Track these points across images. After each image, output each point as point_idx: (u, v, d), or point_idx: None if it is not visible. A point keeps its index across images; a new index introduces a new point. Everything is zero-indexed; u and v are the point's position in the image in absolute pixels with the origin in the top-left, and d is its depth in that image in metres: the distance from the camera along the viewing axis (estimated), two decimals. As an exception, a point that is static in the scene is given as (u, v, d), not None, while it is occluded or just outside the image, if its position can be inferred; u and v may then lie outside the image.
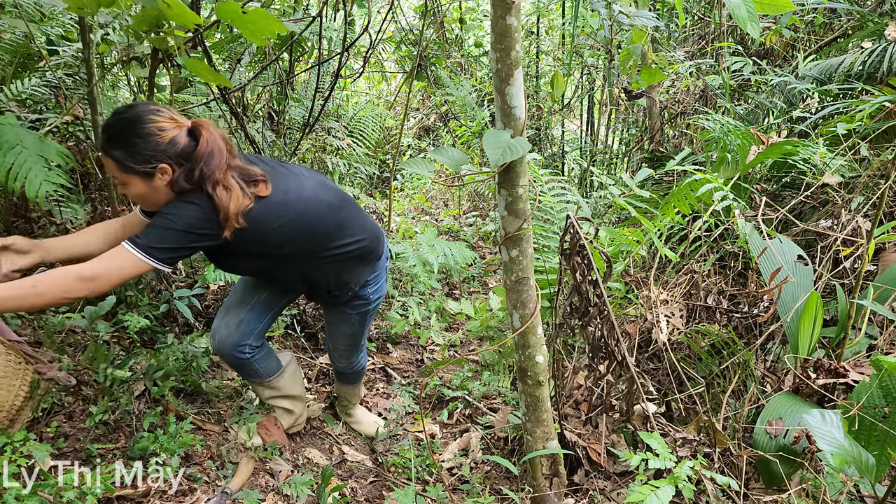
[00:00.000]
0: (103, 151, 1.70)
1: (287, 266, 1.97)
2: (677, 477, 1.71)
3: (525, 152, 1.66)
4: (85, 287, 1.62)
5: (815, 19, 4.15)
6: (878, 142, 2.90)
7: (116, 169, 1.70)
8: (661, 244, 2.41)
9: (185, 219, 1.70)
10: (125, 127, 1.68)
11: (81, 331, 2.58)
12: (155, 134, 1.67)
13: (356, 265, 2.08)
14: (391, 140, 6.33)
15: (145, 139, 1.67)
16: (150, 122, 1.68)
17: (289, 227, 1.86)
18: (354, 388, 2.59)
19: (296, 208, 1.86)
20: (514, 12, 1.62)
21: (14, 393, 1.96)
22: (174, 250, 1.71)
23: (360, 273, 2.11)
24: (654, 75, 3.09)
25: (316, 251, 1.96)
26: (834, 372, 2.05)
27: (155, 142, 1.67)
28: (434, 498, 2.15)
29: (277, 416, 2.43)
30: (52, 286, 1.60)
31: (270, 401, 2.40)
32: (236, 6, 1.87)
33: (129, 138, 1.66)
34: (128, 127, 1.68)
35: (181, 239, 1.70)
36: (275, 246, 1.87)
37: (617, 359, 2.09)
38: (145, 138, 1.67)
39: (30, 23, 2.78)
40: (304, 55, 4.84)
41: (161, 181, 1.71)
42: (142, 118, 1.68)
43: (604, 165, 5.60)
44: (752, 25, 2.08)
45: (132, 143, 1.66)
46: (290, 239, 1.88)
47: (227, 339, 2.17)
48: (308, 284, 2.10)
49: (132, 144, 1.66)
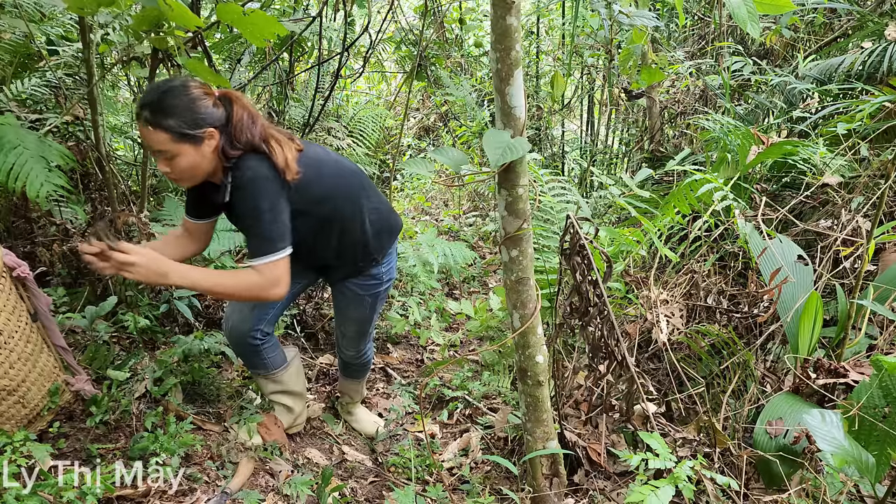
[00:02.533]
0: (154, 125, 1.70)
1: (326, 231, 2.01)
2: (677, 477, 1.71)
3: (525, 152, 1.66)
4: (270, 292, 1.77)
5: (815, 19, 4.15)
6: (878, 142, 2.90)
7: (170, 140, 1.71)
8: (661, 244, 2.41)
9: (260, 197, 1.76)
10: (173, 95, 1.71)
11: (81, 331, 2.58)
12: (201, 98, 1.74)
13: (382, 232, 2.14)
14: (391, 140, 6.33)
15: (195, 103, 1.72)
16: (193, 87, 1.74)
17: (328, 179, 1.95)
18: (359, 383, 2.60)
19: (329, 162, 1.99)
20: (514, 12, 1.62)
21: (42, 395, 2.00)
22: (283, 226, 1.79)
23: (386, 242, 2.17)
24: (654, 75, 3.09)
25: (352, 211, 2.02)
26: (834, 372, 2.05)
27: (203, 105, 1.73)
28: (434, 498, 2.15)
29: (277, 413, 2.43)
30: (244, 283, 1.76)
31: (273, 396, 2.40)
32: (237, 7, 1.87)
33: (180, 105, 1.70)
34: (175, 94, 1.71)
35: (276, 213, 1.77)
36: (317, 202, 1.92)
37: (617, 359, 2.09)
38: (195, 102, 1.72)
39: (30, 23, 2.78)
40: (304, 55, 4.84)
41: (208, 147, 1.75)
42: (186, 84, 1.74)
43: (604, 165, 5.60)
44: (752, 25, 2.08)
45: (185, 109, 1.70)
46: (330, 194, 1.95)
47: (240, 325, 2.20)
48: (338, 255, 2.10)
49: (186, 110, 1.70)
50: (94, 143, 2.55)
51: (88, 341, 2.54)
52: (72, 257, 2.69)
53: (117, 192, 2.65)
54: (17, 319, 1.94)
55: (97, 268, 1.69)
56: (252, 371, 2.37)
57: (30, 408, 1.98)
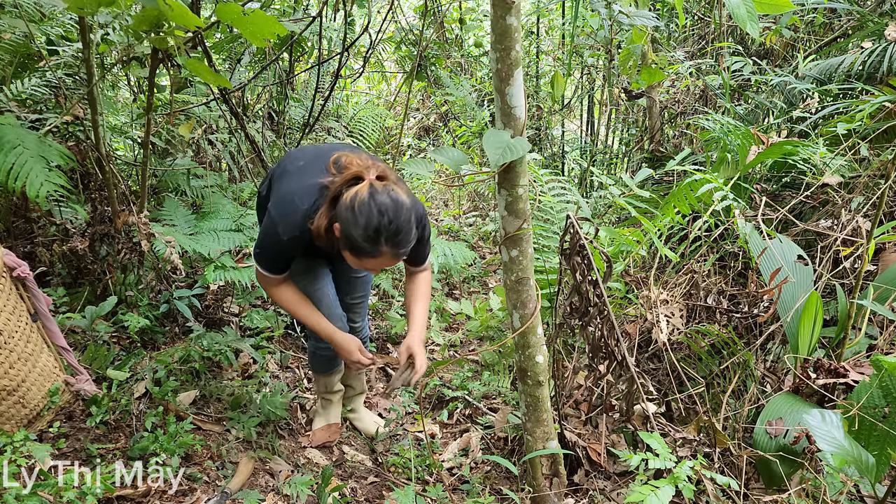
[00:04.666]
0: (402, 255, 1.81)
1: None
2: (677, 477, 1.71)
3: (525, 152, 1.66)
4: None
5: (815, 19, 4.15)
6: (878, 142, 2.89)
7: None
8: (661, 244, 2.41)
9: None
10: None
11: (81, 331, 2.58)
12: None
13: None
14: (391, 140, 6.33)
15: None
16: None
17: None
18: (359, 373, 2.62)
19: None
20: (514, 12, 1.62)
21: (42, 395, 2.00)
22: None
23: None
24: (654, 75, 3.09)
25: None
26: (834, 372, 2.05)
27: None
28: (434, 498, 2.15)
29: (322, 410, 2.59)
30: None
31: (327, 395, 2.57)
32: (237, 7, 1.87)
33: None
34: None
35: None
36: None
37: (617, 359, 2.09)
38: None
39: (30, 23, 2.78)
40: (304, 55, 4.84)
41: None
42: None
43: (604, 165, 5.60)
44: (752, 25, 2.08)
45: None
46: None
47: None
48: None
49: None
50: (94, 143, 2.55)
51: (88, 341, 2.54)
52: (72, 257, 2.69)
53: (117, 192, 2.65)
54: (17, 319, 1.94)
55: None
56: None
57: (30, 408, 1.98)
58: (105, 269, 2.77)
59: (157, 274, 2.91)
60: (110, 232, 2.70)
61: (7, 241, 2.78)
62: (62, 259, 2.75)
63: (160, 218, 3.08)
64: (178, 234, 2.88)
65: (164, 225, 3.00)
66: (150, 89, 2.38)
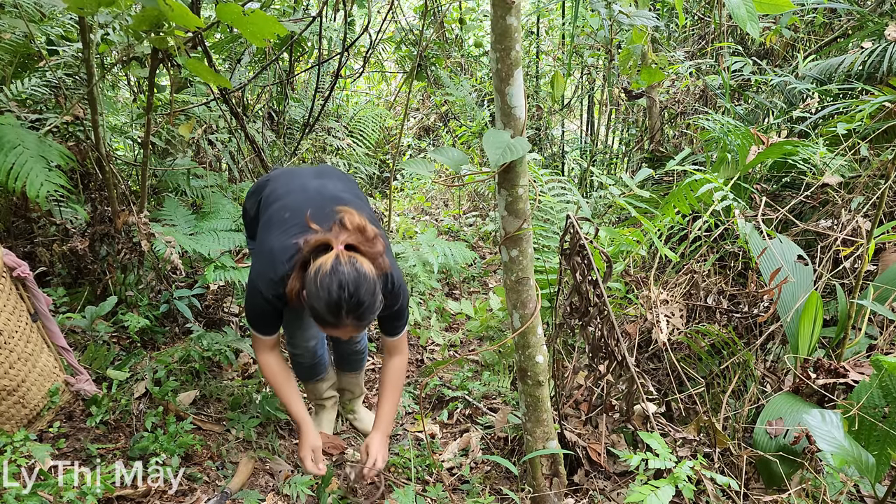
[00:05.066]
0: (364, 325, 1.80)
1: None
2: (677, 477, 1.71)
3: (525, 152, 1.66)
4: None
5: (815, 19, 4.15)
6: (878, 142, 2.89)
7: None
8: (661, 244, 2.41)
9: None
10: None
11: (81, 331, 2.58)
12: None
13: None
14: (391, 140, 6.33)
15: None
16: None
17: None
18: (357, 376, 2.62)
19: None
20: (514, 12, 1.62)
21: (42, 395, 2.01)
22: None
23: None
24: (654, 75, 3.09)
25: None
26: (834, 372, 2.05)
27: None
28: (434, 498, 2.15)
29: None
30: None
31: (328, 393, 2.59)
32: (237, 7, 1.87)
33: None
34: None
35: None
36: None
37: (617, 359, 2.09)
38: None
39: (30, 23, 2.78)
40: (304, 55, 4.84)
41: None
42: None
43: (604, 165, 5.59)
44: (752, 25, 2.08)
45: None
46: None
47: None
48: None
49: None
50: (94, 143, 2.55)
51: (88, 341, 2.54)
52: (72, 257, 2.69)
53: (117, 192, 2.65)
54: (17, 319, 1.94)
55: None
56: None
57: (30, 408, 1.98)
58: (105, 269, 2.77)
59: (157, 274, 2.91)
60: (110, 232, 2.70)
61: (7, 241, 2.78)
62: (62, 259, 2.75)
63: (160, 218, 3.08)
64: (178, 234, 2.88)
65: (164, 225, 3.00)
66: (150, 89, 2.38)
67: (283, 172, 2.23)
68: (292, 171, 2.24)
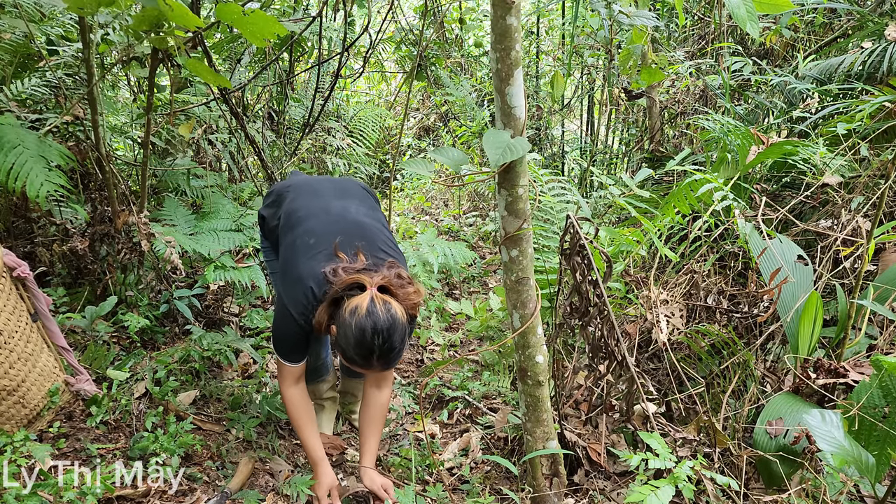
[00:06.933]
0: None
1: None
2: (677, 477, 1.71)
3: (525, 152, 1.66)
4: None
5: (815, 19, 4.15)
6: (878, 142, 2.89)
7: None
8: (661, 244, 2.41)
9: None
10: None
11: (81, 331, 2.58)
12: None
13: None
14: (391, 140, 6.33)
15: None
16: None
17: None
18: (359, 381, 2.62)
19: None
20: (514, 12, 1.62)
21: (42, 395, 2.01)
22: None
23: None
24: (654, 75, 3.09)
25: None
26: (834, 372, 2.05)
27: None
28: (434, 498, 2.15)
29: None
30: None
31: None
32: (237, 7, 1.87)
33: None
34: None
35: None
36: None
37: (617, 359, 2.09)
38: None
39: (30, 23, 2.78)
40: (304, 55, 4.84)
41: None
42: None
43: (604, 165, 5.59)
44: (752, 25, 2.08)
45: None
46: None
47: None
48: None
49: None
50: (94, 143, 2.55)
51: (88, 341, 2.54)
52: (72, 257, 2.69)
53: (117, 192, 2.65)
54: (17, 319, 1.94)
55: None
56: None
57: (30, 408, 1.98)
58: (105, 269, 2.77)
59: (157, 274, 2.91)
60: (110, 232, 2.70)
61: (7, 241, 2.78)
62: (62, 259, 2.75)
63: (160, 218, 3.08)
64: (178, 234, 2.88)
65: (164, 225, 3.00)
66: (150, 89, 2.38)
67: (303, 184, 2.20)
68: (313, 186, 2.20)
